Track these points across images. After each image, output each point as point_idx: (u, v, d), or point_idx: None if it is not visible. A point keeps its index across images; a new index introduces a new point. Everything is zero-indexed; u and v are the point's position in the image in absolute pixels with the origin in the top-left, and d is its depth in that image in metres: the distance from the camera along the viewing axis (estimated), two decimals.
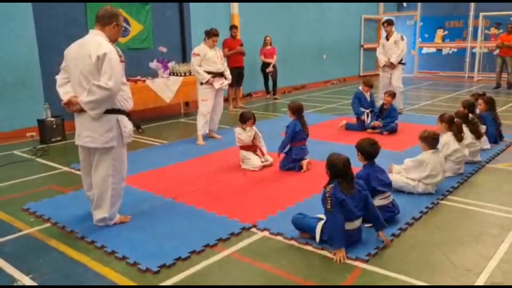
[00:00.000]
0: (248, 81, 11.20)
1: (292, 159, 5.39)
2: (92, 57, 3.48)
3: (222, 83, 7.06)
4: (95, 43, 3.56)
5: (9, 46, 7.38)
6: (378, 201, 3.78)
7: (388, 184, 3.91)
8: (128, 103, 3.81)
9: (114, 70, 3.50)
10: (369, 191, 3.70)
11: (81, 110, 3.63)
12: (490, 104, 6.47)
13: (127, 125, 3.80)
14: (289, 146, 5.43)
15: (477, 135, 5.58)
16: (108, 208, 3.82)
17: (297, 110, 5.49)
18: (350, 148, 5.89)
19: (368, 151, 3.84)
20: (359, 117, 7.54)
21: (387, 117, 7.34)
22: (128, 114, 3.84)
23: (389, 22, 8.88)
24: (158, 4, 9.54)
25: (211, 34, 6.88)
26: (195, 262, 3.30)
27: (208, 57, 6.87)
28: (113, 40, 3.72)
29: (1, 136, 7.37)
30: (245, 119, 5.59)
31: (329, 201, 3.31)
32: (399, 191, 4.49)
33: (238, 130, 5.65)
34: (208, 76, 6.80)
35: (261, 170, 5.41)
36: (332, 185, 3.37)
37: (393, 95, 7.44)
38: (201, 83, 6.89)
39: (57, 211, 4.23)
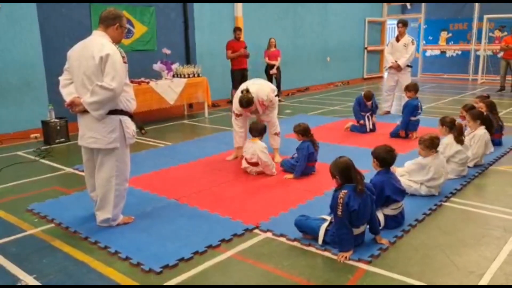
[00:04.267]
0: None
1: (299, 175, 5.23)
2: (95, 58, 3.50)
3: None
4: (98, 44, 3.58)
5: (14, 48, 7.43)
6: (389, 211, 3.76)
7: (403, 192, 3.87)
8: (131, 104, 3.82)
9: (117, 71, 3.51)
10: (382, 200, 3.70)
11: (84, 111, 3.64)
12: (491, 107, 6.47)
13: (130, 126, 3.81)
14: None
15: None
16: (112, 209, 3.83)
17: (305, 132, 5.21)
18: (355, 150, 5.88)
19: (384, 158, 3.80)
20: (359, 121, 7.61)
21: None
22: (131, 115, 3.85)
23: (404, 23, 8.72)
24: (162, 6, 9.58)
25: None
26: (198, 263, 3.30)
27: None
28: (116, 42, 3.73)
29: (5, 137, 7.41)
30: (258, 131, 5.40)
31: (340, 208, 3.27)
32: None
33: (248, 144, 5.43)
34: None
35: (264, 172, 5.39)
36: (345, 191, 3.30)
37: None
38: None
39: (61, 212, 4.25)
